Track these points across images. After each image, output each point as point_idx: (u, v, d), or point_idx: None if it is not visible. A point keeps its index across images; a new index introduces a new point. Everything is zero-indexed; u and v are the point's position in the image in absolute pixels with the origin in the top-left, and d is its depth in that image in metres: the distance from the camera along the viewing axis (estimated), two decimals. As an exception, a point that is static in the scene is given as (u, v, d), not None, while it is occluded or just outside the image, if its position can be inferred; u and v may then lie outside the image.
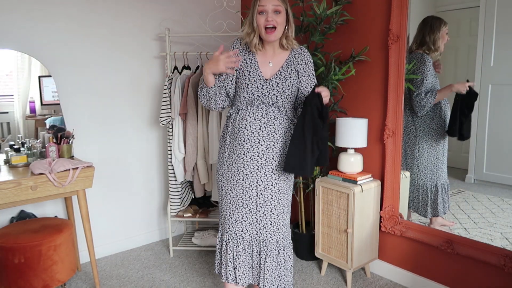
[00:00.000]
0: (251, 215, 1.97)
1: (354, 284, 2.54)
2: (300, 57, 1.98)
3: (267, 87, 1.91)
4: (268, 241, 1.98)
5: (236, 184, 1.97)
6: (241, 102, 1.96)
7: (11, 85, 2.55)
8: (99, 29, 2.80)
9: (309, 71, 2.00)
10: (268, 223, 1.97)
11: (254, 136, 1.91)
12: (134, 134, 3.07)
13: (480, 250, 2.09)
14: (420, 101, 2.27)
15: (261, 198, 1.95)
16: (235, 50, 1.96)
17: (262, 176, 1.94)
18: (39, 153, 2.53)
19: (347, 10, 2.58)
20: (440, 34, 2.20)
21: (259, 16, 1.84)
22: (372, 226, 2.53)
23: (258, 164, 1.93)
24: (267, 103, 1.92)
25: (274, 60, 1.96)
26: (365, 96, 2.60)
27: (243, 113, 1.94)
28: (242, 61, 1.96)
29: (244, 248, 2.00)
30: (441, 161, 2.29)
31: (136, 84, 3.03)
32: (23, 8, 2.49)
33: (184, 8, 3.19)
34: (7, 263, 2.09)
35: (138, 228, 3.19)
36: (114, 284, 2.59)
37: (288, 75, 1.94)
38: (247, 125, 1.92)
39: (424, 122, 2.34)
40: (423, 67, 2.27)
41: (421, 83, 2.28)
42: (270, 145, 1.93)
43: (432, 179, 2.33)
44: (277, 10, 1.83)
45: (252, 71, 1.93)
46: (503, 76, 2.01)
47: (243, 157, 1.93)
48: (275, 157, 1.94)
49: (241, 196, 1.96)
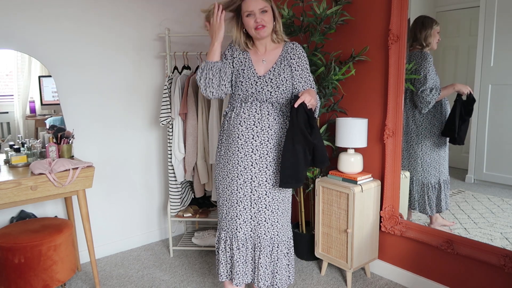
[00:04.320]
0: (246, 212, 1.98)
1: (354, 284, 2.54)
2: (293, 51, 1.99)
3: (261, 84, 1.93)
4: (262, 238, 1.98)
5: (231, 182, 1.97)
6: (236, 99, 1.99)
7: (11, 85, 2.55)
8: (99, 29, 2.80)
9: (302, 65, 2.00)
10: (262, 219, 1.97)
11: (248, 131, 1.93)
12: (134, 134, 3.07)
13: (480, 250, 2.09)
14: (426, 97, 2.28)
15: (255, 195, 1.95)
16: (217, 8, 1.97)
17: (256, 172, 1.94)
18: (39, 153, 2.53)
19: (347, 10, 2.58)
20: (432, 32, 2.22)
21: (247, 18, 1.89)
22: (372, 226, 2.53)
23: (252, 160, 1.94)
24: (261, 99, 1.94)
25: (267, 57, 1.98)
26: (365, 96, 2.60)
27: (238, 110, 1.97)
28: (236, 59, 1.99)
29: (239, 247, 2.00)
30: (443, 157, 2.30)
31: (136, 84, 3.03)
32: (23, 9, 2.49)
33: (184, 8, 3.19)
34: (7, 263, 2.09)
35: (138, 228, 3.19)
36: (114, 284, 2.59)
37: (282, 71, 1.95)
38: (241, 121, 1.94)
39: (426, 120, 2.34)
40: (424, 63, 2.28)
41: (424, 79, 2.29)
42: (265, 140, 1.94)
43: (436, 176, 2.34)
44: (263, 10, 1.87)
45: (246, 69, 1.96)
46: (503, 76, 2.01)
47: (237, 153, 1.94)
48: (269, 153, 1.95)
49: (236, 193, 1.97)
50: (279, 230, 2.02)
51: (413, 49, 2.33)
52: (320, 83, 2.60)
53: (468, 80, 2.14)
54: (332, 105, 2.72)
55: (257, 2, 1.86)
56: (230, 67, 2.00)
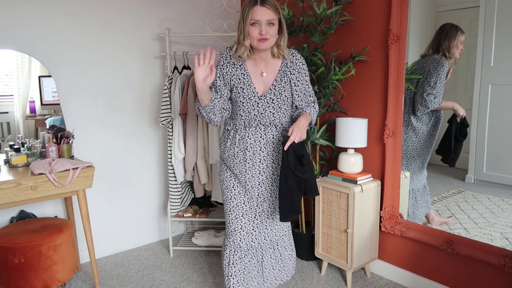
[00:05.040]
0: (249, 224, 2.05)
1: (354, 284, 2.54)
2: (293, 66, 1.93)
3: (262, 105, 1.90)
4: (263, 243, 2.09)
5: (238, 195, 2.04)
6: (238, 120, 1.96)
7: (11, 85, 2.55)
8: (99, 29, 2.80)
9: (302, 78, 1.96)
10: (263, 227, 2.09)
11: (255, 156, 1.96)
12: (134, 134, 3.07)
13: (480, 250, 2.09)
14: (430, 101, 2.27)
15: (260, 208, 2.07)
16: (203, 51, 1.78)
17: (263, 190, 2.04)
18: (39, 153, 2.53)
19: (347, 10, 2.58)
20: (455, 43, 2.19)
21: (251, 27, 1.77)
22: (372, 226, 2.53)
23: (259, 180, 2.01)
24: (264, 123, 1.94)
25: (267, 69, 1.91)
26: (365, 96, 2.60)
27: (242, 133, 1.96)
28: (234, 76, 1.90)
29: (241, 257, 2.05)
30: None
31: (136, 84, 3.03)
32: (23, 8, 2.49)
33: (184, 8, 3.19)
34: (7, 263, 2.09)
35: (138, 228, 3.19)
36: (114, 284, 2.59)
37: (282, 89, 1.91)
38: (247, 147, 1.95)
39: (421, 122, 2.36)
40: (439, 69, 2.25)
41: (434, 84, 2.27)
42: (270, 162, 2.00)
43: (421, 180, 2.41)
44: (270, 22, 1.77)
45: (246, 88, 1.89)
46: (503, 76, 2.01)
47: (244, 174, 2.00)
48: (274, 172, 2.03)
49: (242, 206, 2.04)
50: (277, 231, 2.13)
51: (432, 55, 2.28)
52: (320, 83, 2.60)
53: (468, 80, 2.14)
54: (332, 105, 2.72)
55: (266, 12, 1.75)
56: (228, 88, 1.93)
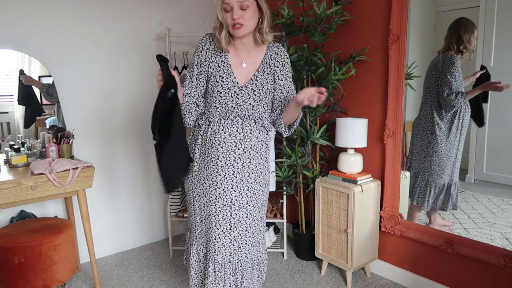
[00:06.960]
0: (225, 236, 1.80)
1: (354, 284, 2.54)
2: (277, 58, 1.79)
3: (242, 96, 1.72)
4: (243, 261, 1.84)
5: (209, 202, 1.79)
6: (212, 113, 1.76)
7: (11, 85, 2.55)
8: (99, 29, 2.80)
9: (286, 74, 1.82)
10: (243, 242, 1.82)
11: (229, 153, 1.74)
12: (134, 133, 3.07)
13: (480, 250, 2.09)
14: (451, 101, 2.23)
15: (235, 218, 1.78)
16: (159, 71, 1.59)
17: (237, 195, 1.77)
18: (39, 153, 2.53)
19: (347, 10, 2.58)
20: (476, 35, 2.13)
21: (226, 14, 1.64)
22: (372, 226, 2.53)
23: (233, 183, 1.76)
24: (242, 116, 1.74)
25: (248, 60, 1.75)
26: (365, 96, 2.60)
27: (216, 126, 1.75)
28: (213, 63, 1.74)
29: (215, 270, 1.82)
30: (459, 159, 2.26)
31: (136, 84, 3.03)
32: (23, 8, 2.49)
33: (184, 8, 3.19)
34: (7, 263, 2.09)
35: (138, 228, 3.19)
36: (114, 284, 2.59)
37: (265, 81, 1.76)
38: (221, 141, 1.74)
39: (446, 119, 2.30)
40: (451, 68, 2.20)
41: (450, 84, 2.24)
42: (246, 162, 1.77)
43: (450, 175, 2.31)
44: (242, 6, 1.61)
45: (226, 77, 1.71)
46: (503, 76, 2.01)
47: (216, 175, 1.76)
48: (250, 174, 1.79)
49: (214, 215, 1.78)
50: (260, 248, 1.90)
51: (447, 52, 2.23)
52: (320, 83, 2.60)
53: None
54: (332, 105, 2.72)
55: None
56: (205, 77, 1.75)
